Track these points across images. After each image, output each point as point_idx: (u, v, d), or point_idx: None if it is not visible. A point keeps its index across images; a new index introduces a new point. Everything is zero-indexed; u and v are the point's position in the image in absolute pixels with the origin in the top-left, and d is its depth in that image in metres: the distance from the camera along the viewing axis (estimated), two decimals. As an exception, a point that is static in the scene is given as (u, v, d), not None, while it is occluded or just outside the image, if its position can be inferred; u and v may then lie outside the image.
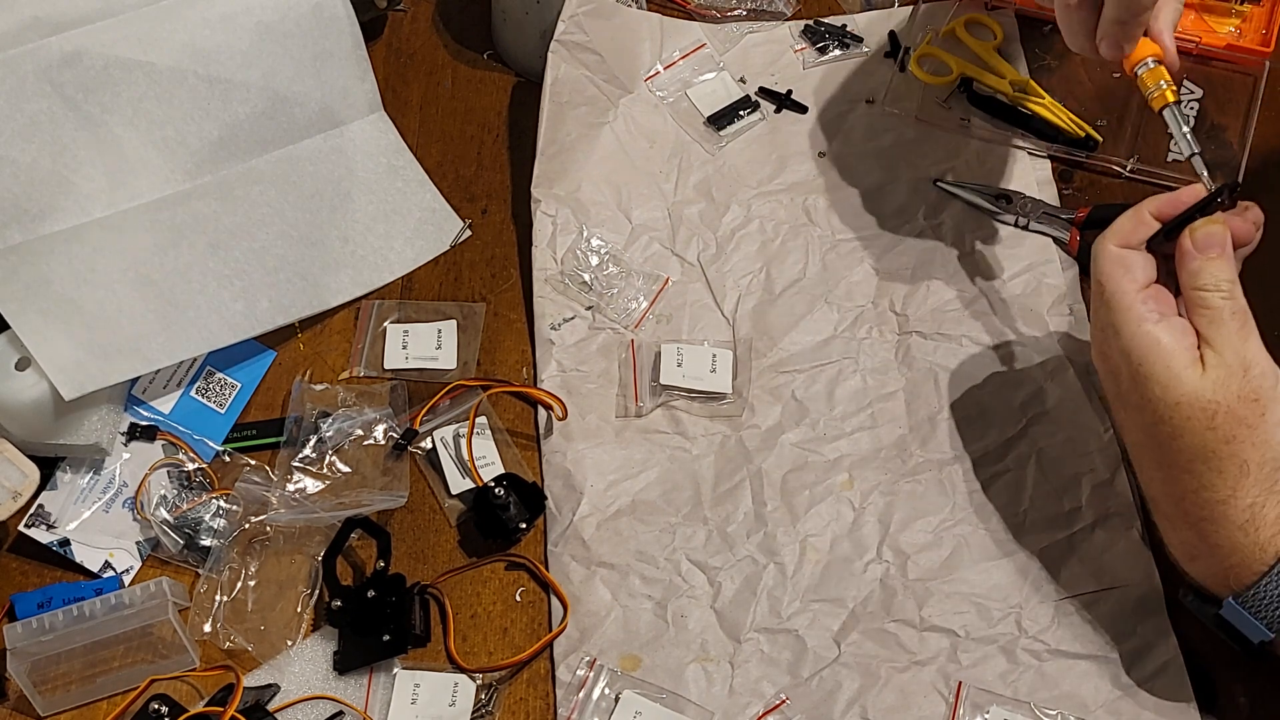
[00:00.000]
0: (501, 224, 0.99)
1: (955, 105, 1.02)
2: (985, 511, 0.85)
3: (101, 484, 0.87)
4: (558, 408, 0.88)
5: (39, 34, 0.91)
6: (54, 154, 0.91)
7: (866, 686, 0.79)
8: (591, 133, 1.00)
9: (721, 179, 1.00)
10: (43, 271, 0.89)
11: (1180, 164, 0.98)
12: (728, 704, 0.79)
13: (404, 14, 1.10)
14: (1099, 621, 0.81)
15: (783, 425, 0.89)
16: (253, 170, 0.97)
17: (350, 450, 0.88)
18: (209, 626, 0.82)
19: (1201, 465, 0.72)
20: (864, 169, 1.00)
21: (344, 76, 1.00)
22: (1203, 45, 1.01)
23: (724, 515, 0.86)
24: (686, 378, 0.90)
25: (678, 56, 1.05)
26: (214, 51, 0.95)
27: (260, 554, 0.85)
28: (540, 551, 0.85)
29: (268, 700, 0.79)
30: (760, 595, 0.83)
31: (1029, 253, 0.95)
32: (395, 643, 0.80)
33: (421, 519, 0.87)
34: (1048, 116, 0.99)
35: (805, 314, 0.93)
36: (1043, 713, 0.78)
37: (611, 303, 0.94)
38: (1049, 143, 1.00)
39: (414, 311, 0.94)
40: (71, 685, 0.80)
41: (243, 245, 0.94)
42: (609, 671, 0.80)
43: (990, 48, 1.03)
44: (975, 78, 1.01)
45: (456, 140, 1.03)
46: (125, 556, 0.85)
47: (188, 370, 0.91)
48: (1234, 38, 1.02)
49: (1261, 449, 0.71)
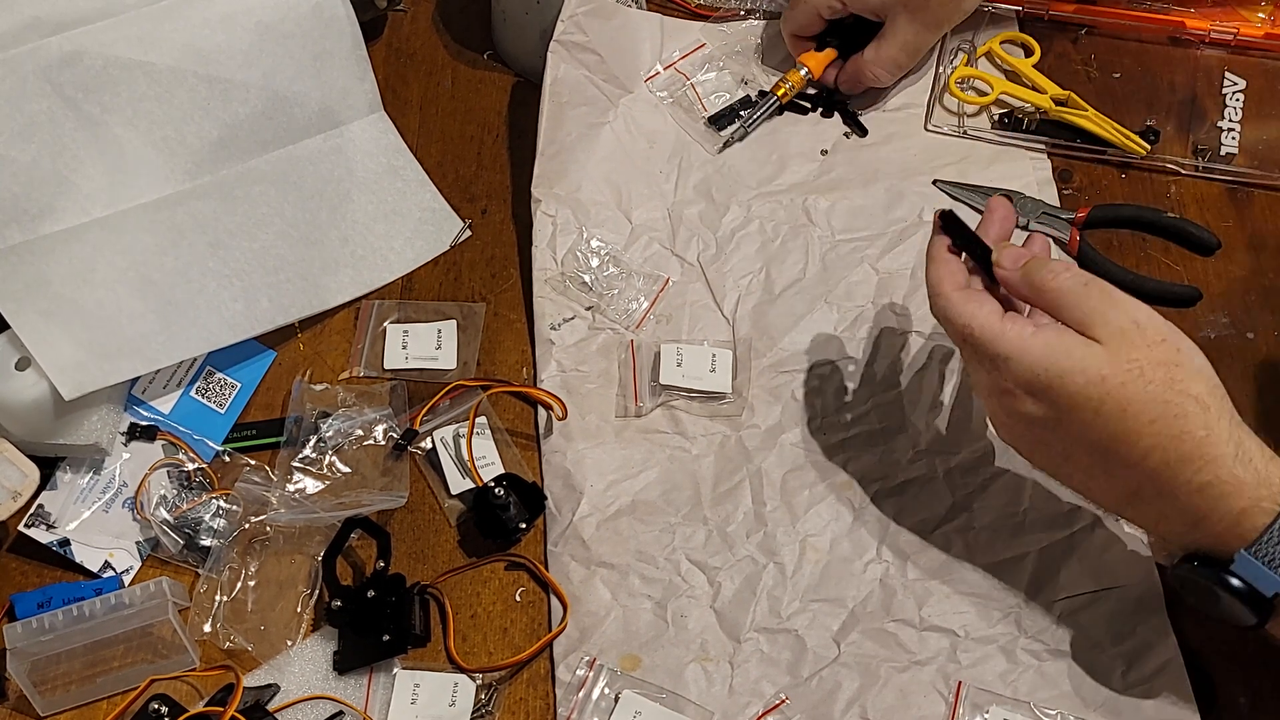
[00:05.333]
0: (501, 224, 0.99)
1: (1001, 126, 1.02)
2: (985, 511, 0.85)
3: (101, 484, 0.87)
4: (558, 408, 0.88)
5: (39, 34, 0.91)
6: (54, 154, 0.91)
7: (866, 686, 0.79)
8: (591, 133, 1.00)
9: (721, 179, 1.00)
10: (43, 271, 0.89)
11: (1235, 158, 0.98)
12: (727, 704, 0.79)
13: (404, 14, 1.10)
14: (1099, 621, 0.81)
15: (783, 425, 0.89)
16: (253, 170, 0.97)
17: (350, 450, 0.88)
18: (209, 626, 0.82)
19: (1162, 423, 0.69)
20: (864, 169, 1.00)
21: (344, 76, 0.99)
22: (1241, 36, 1.01)
23: (724, 515, 0.86)
24: (686, 378, 0.90)
25: (678, 56, 1.05)
26: (214, 51, 0.95)
27: (260, 554, 0.85)
28: (540, 551, 0.85)
29: (268, 700, 0.79)
30: (760, 595, 0.83)
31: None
32: (395, 643, 0.80)
33: (421, 519, 0.87)
34: (1093, 129, 0.99)
35: (805, 314, 0.93)
36: (1043, 713, 0.78)
37: (612, 303, 0.94)
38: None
39: (414, 311, 0.94)
40: (71, 685, 0.80)
41: (243, 245, 0.94)
42: (609, 671, 0.80)
43: (1029, 64, 1.03)
44: (1015, 95, 1.01)
45: (456, 140, 1.03)
46: (125, 556, 0.85)
47: (188, 370, 0.91)
48: (1270, 25, 1.02)
49: (1198, 379, 0.70)
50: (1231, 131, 1.00)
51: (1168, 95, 1.02)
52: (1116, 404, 0.70)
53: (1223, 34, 1.02)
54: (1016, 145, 1.01)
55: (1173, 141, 1.00)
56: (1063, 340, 0.71)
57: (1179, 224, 0.96)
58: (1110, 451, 0.72)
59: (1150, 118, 1.01)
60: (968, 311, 0.75)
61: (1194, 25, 1.03)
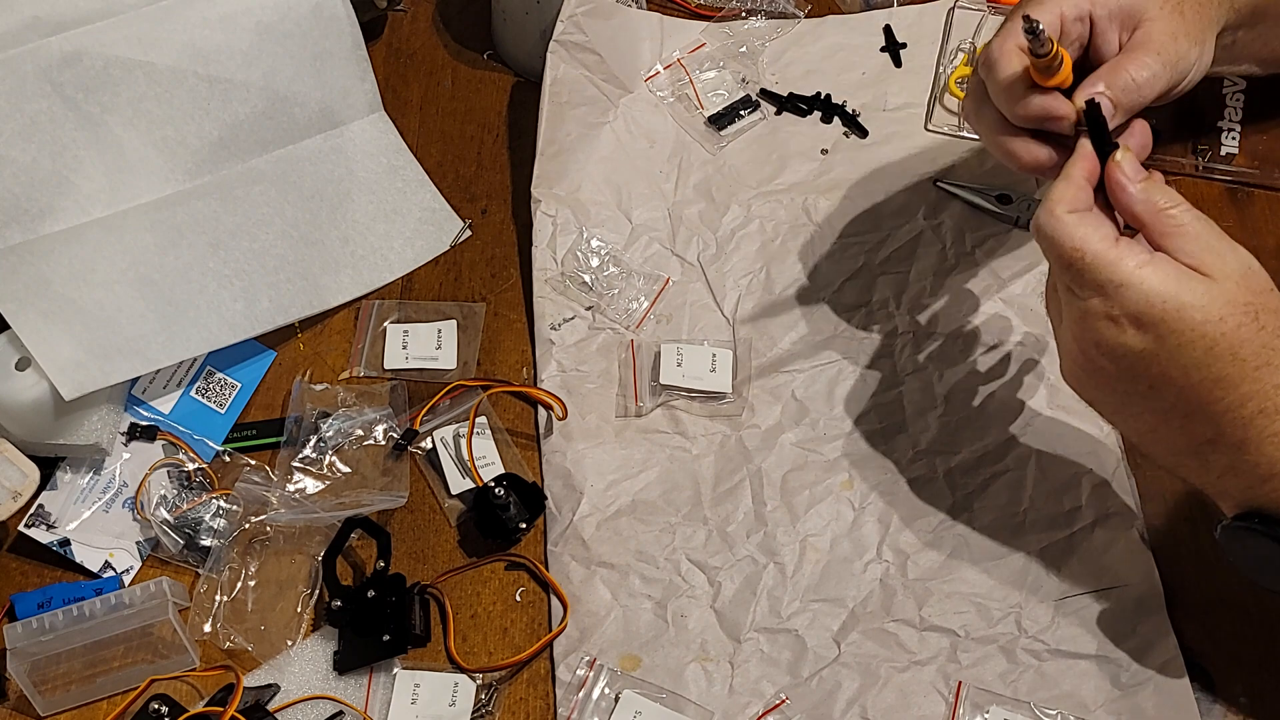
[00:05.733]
0: (501, 224, 0.99)
1: None
2: (985, 511, 0.85)
3: (101, 484, 0.87)
4: (558, 408, 0.88)
5: (39, 34, 0.91)
6: (54, 154, 0.91)
7: (866, 686, 0.79)
8: (591, 133, 1.00)
9: (722, 179, 1.00)
10: (43, 271, 0.89)
11: (1235, 158, 0.98)
12: (728, 704, 0.79)
13: (404, 14, 1.10)
14: (1099, 621, 0.81)
15: (783, 425, 0.89)
16: (253, 170, 0.97)
17: (350, 450, 0.88)
18: (209, 626, 0.82)
19: (1267, 371, 0.68)
20: (864, 169, 1.00)
21: (344, 76, 1.00)
22: None
23: (724, 515, 0.86)
24: (686, 378, 0.90)
25: (678, 56, 1.05)
26: (214, 51, 0.95)
27: (260, 554, 0.85)
28: (540, 551, 0.85)
29: (268, 700, 0.79)
30: (760, 595, 0.83)
31: (1029, 252, 0.95)
32: (395, 643, 0.80)
33: (421, 519, 0.87)
34: None
35: (805, 314, 0.93)
36: (1043, 713, 0.78)
37: (612, 303, 0.94)
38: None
39: (414, 311, 0.94)
40: (71, 685, 0.80)
41: (243, 245, 0.94)
42: (609, 671, 0.80)
43: None
44: None
45: (456, 140, 1.03)
46: (125, 556, 0.85)
47: (188, 370, 0.91)
48: None
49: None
50: (1231, 131, 1.00)
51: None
52: (1229, 345, 0.67)
53: None
54: (1016, 145, 1.01)
55: (1173, 141, 1.00)
56: (1182, 274, 0.68)
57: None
58: (1205, 394, 0.69)
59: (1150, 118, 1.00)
60: (1080, 234, 0.69)
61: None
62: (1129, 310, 0.68)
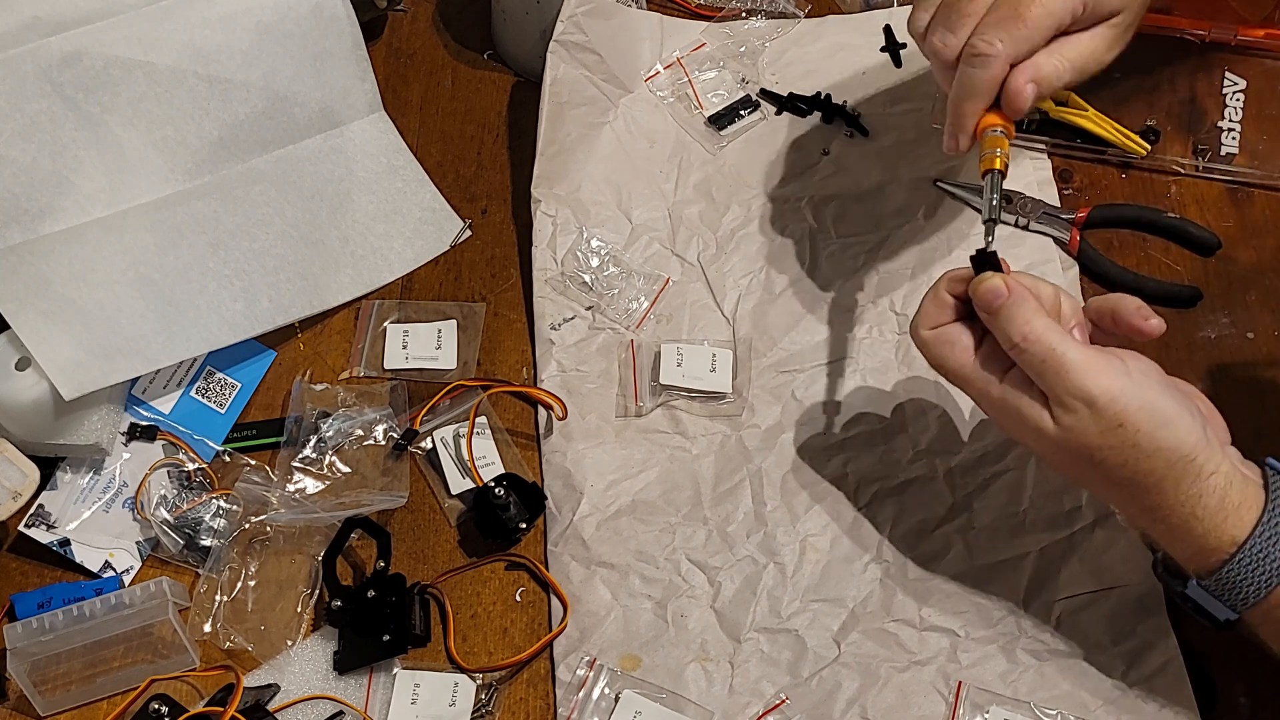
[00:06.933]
0: (501, 224, 0.99)
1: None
2: (985, 511, 0.85)
3: (101, 484, 0.87)
4: (558, 408, 0.88)
5: (39, 34, 0.91)
6: (54, 154, 0.91)
7: (866, 686, 0.79)
8: (591, 133, 1.00)
9: (722, 179, 1.00)
10: (43, 271, 0.89)
11: (1236, 158, 0.98)
12: (727, 704, 0.79)
13: (404, 14, 1.10)
14: (1099, 621, 0.81)
15: (783, 425, 0.89)
16: (253, 170, 0.97)
17: (350, 450, 0.88)
18: (209, 626, 0.82)
19: (1115, 489, 0.72)
20: (864, 169, 1.00)
21: (344, 76, 1.00)
22: (1240, 36, 1.01)
23: (724, 515, 0.86)
24: (686, 377, 0.90)
25: (678, 56, 1.05)
26: (214, 51, 0.95)
27: (260, 554, 0.85)
28: (540, 551, 0.85)
29: (268, 700, 0.79)
30: (760, 595, 0.83)
31: (1029, 253, 0.95)
32: (395, 643, 0.80)
33: (421, 519, 0.87)
34: (1094, 129, 0.99)
35: (805, 314, 0.93)
36: (1043, 713, 0.78)
37: (612, 303, 0.94)
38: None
39: (414, 311, 0.94)
40: (71, 685, 0.80)
41: (243, 245, 0.94)
42: (609, 671, 0.80)
43: None
44: None
45: (456, 140, 1.03)
46: (125, 556, 0.85)
47: (188, 370, 0.91)
48: (1270, 25, 1.02)
49: (1157, 456, 0.69)
50: (1231, 131, 1.00)
51: (1168, 95, 1.02)
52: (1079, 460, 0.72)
53: (1223, 34, 1.01)
54: (1017, 145, 1.01)
55: (1173, 141, 1.00)
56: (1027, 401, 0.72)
57: (1179, 224, 0.96)
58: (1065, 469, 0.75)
59: (1150, 118, 1.00)
60: (943, 353, 0.75)
61: (1194, 25, 1.03)
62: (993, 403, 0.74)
